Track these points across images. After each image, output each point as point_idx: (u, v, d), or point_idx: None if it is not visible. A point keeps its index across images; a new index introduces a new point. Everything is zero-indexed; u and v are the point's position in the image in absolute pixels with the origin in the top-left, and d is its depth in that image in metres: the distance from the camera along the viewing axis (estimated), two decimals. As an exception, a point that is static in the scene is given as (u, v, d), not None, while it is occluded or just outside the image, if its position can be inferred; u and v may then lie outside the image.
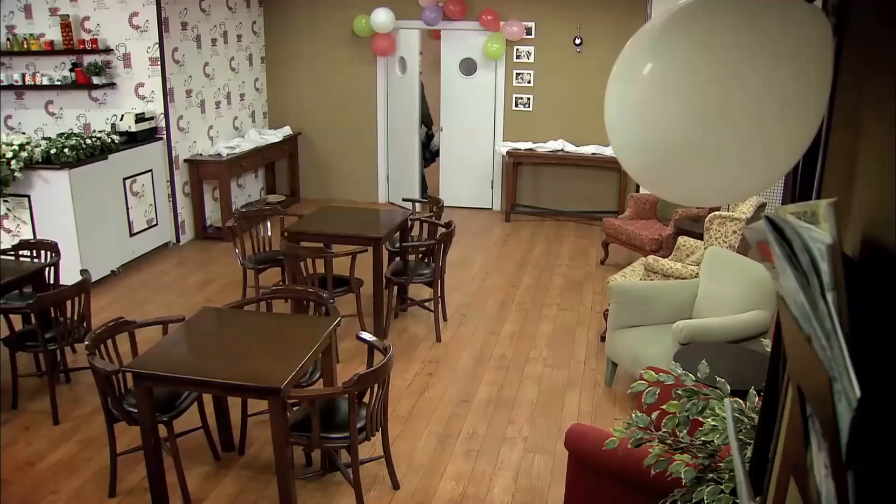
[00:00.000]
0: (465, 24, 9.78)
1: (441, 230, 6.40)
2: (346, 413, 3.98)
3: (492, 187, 10.32)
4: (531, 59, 9.78)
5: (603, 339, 6.07)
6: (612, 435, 3.24)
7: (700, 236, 6.37)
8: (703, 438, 2.30)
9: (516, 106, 9.96)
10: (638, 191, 8.78)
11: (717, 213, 6.10)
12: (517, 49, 9.79)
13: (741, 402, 2.33)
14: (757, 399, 2.36)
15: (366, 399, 3.98)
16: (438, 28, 9.88)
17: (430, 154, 11.08)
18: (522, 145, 9.75)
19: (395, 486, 4.35)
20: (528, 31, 9.70)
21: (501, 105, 10.00)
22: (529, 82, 9.84)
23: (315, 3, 10.29)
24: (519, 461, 4.64)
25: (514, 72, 9.88)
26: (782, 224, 0.95)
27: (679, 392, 2.35)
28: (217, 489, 4.41)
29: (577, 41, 9.53)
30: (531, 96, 9.88)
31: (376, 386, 3.87)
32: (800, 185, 1.57)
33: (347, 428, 3.86)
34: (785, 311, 1.00)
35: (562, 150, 9.57)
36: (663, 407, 2.38)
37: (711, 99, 1.31)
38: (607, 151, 9.38)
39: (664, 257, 6.34)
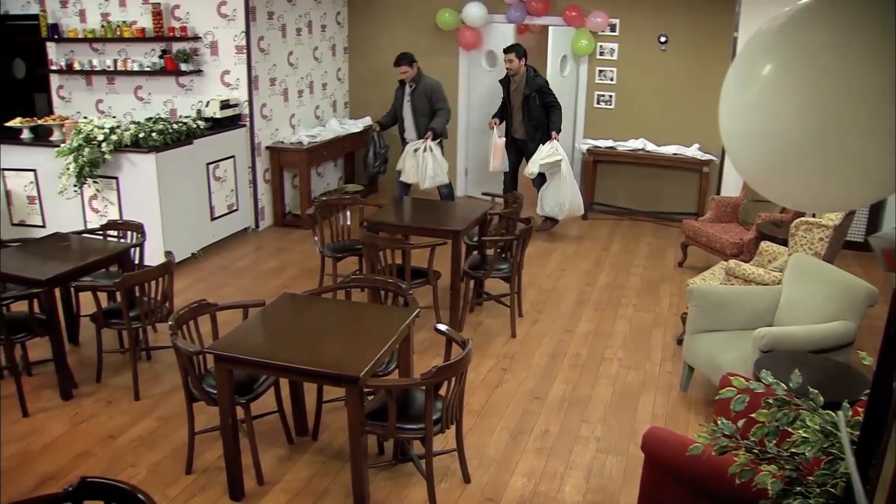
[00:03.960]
0: (549, 19, 9.71)
1: (520, 226, 6.37)
2: (421, 404, 3.99)
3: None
4: (614, 56, 9.67)
5: (679, 342, 5.97)
6: (691, 440, 3.20)
7: (783, 242, 6.23)
8: (792, 450, 2.24)
9: (598, 103, 9.86)
10: (719, 193, 8.62)
11: (803, 218, 5.95)
12: (601, 46, 9.69)
13: (833, 414, 2.27)
14: (850, 412, 2.29)
15: (442, 391, 3.98)
16: (525, 23, 9.84)
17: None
18: (603, 143, 9.65)
19: (466, 479, 4.35)
20: (612, 28, 9.58)
21: (583, 102, 9.91)
22: (612, 80, 9.74)
23: (399, -5, 10.36)
24: (591, 461, 4.60)
25: (597, 69, 9.78)
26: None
27: (769, 401, 2.30)
28: (290, 473, 4.47)
29: (662, 39, 9.38)
30: (613, 94, 9.77)
31: (453, 379, 3.88)
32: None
33: (422, 419, 3.88)
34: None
35: (642, 149, 9.45)
36: (753, 415, 2.32)
37: (835, 101, 1.26)
38: (689, 152, 9.23)
39: (745, 262, 6.20)
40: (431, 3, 10.13)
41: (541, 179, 8.78)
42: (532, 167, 8.59)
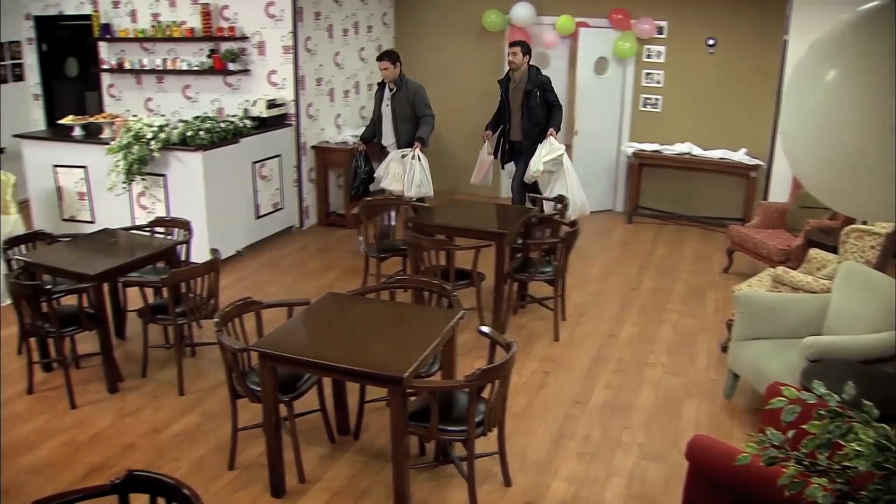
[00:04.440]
0: (595, 21, 9.65)
1: (565, 229, 6.34)
2: (463, 406, 3.99)
3: (615, 188, 10.16)
4: (662, 59, 9.58)
5: (724, 349, 5.90)
6: (737, 449, 3.16)
7: (832, 249, 6.12)
8: (844, 463, 2.20)
9: (644, 106, 9.78)
10: (766, 198, 8.50)
11: (854, 226, 5.84)
12: (648, 49, 9.61)
13: (887, 427, 2.22)
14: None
15: (485, 394, 3.97)
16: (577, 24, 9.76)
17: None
18: (648, 147, 9.57)
19: (507, 482, 4.33)
20: (660, 31, 9.51)
21: (629, 105, 9.84)
22: (659, 83, 9.65)
23: (445, -4, 10.38)
24: (633, 467, 4.56)
25: (644, 71, 9.71)
26: None
27: (822, 412, 2.25)
28: (331, 471, 4.49)
29: (711, 42, 9.28)
30: (660, 97, 9.68)
31: (497, 381, 3.87)
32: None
33: (465, 421, 3.87)
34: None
35: (689, 153, 9.35)
36: (804, 427, 2.28)
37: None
38: (735, 156, 9.11)
39: (792, 269, 6.10)
40: (477, 4, 10.13)
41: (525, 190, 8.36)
42: (535, 166, 7.97)
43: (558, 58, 10.24)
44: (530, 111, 8.09)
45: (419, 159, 7.85)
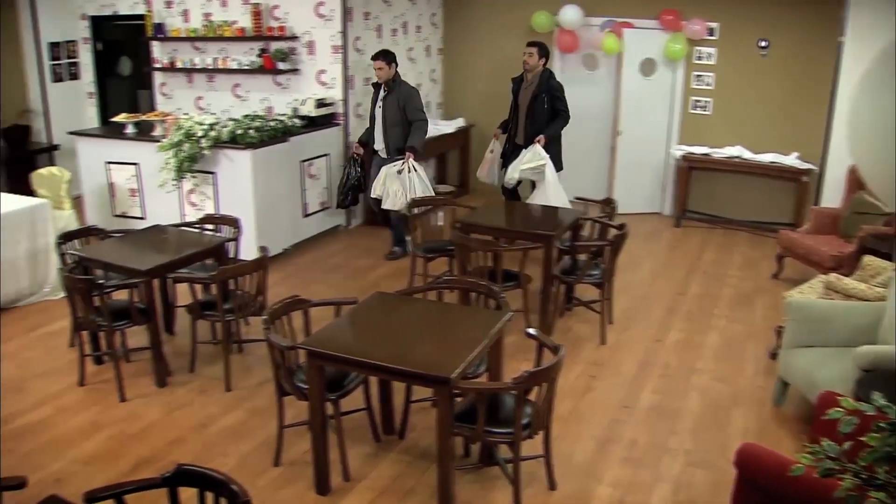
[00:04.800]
0: (645, 22, 9.56)
1: (613, 232, 6.29)
2: (510, 408, 3.98)
3: (663, 191, 10.06)
4: (712, 61, 9.46)
5: (773, 356, 5.81)
6: (788, 459, 3.10)
7: (887, 256, 5.99)
8: (904, 477, 2.15)
9: (694, 109, 9.66)
10: (818, 203, 8.36)
11: (910, 233, 5.72)
12: (698, 50, 9.49)
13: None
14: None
15: (532, 397, 3.95)
16: (619, 25, 9.68)
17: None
18: (698, 150, 9.45)
19: (552, 486, 4.30)
20: (711, 32, 9.38)
21: (679, 108, 9.72)
22: (709, 84, 9.53)
23: (494, -3, 10.36)
24: (680, 474, 4.50)
25: (694, 73, 9.59)
26: None
27: (881, 425, 2.20)
28: (376, 470, 4.50)
29: (763, 44, 9.14)
30: (710, 100, 9.56)
31: (544, 384, 3.85)
32: None
33: (511, 423, 3.85)
34: None
35: (739, 157, 9.22)
36: (862, 439, 2.23)
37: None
38: (787, 160, 8.97)
39: (845, 276, 5.99)
40: (527, 5, 10.08)
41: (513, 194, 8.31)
42: (512, 173, 7.89)
43: (608, 58, 10.11)
44: (534, 116, 7.95)
45: (415, 170, 7.65)
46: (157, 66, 9.69)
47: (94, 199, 8.64)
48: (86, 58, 10.71)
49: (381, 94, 7.79)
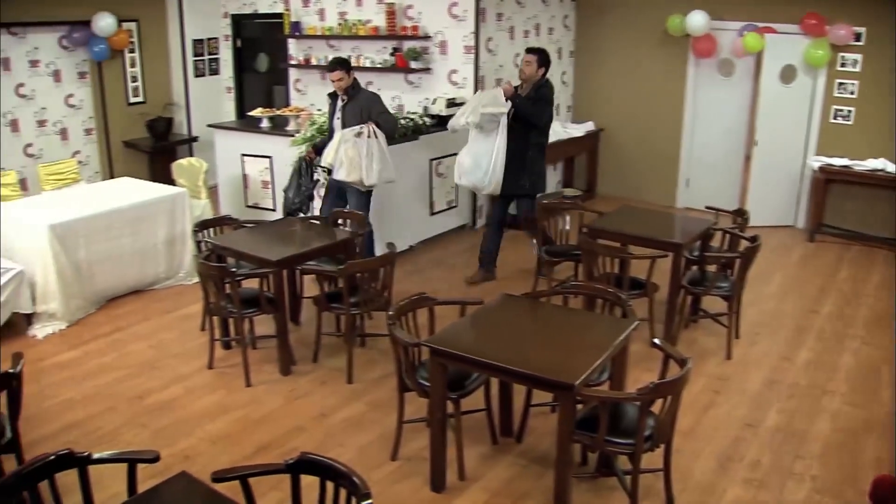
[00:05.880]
0: (785, 26, 9.18)
1: (745, 243, 6.07)
2: (631, 419, 3.88)
3: (797, 203, 9.65)
4: (857, 68, 9.00)
5: (914, 382, 5.49)
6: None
7: None
8: None
9: (835, 118, 9.22)
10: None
11: None
12: (842, 56, 9.04)
13: None
14: None
15: (655, 409, 3.84)
16: (761, 30, 9.35)
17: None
18: (837, 161, 9.01)
19: (670, 501, 4.16)
20: (857, 38, 8.92)
21: (818, 116, 9.28)
22: (853, 93, 9.06)
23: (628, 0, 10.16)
24: (804, 501, 4.27)
25: (837, 81, 9.15)
26: None
27: None
28: (491, 472, 4.48)
29: (916, 51, 8.65)
30: (853, 108, 9.08)
31: (669, 397, 3.73)
32: None
33: (632, 434, 3.75)
34: None
35: (882, 169, 8.73)
36: None
37: None
38: (935, 176, 8.47)
39: None
40: (662, 8, 9.85)
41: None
42: (465, 115, 6.88)
43: (745, 64, 9.78)
44: (513, 131, 6.91)
45: (376, 136, 6.82)
46: (293, 62, 9.97)
47: (229, 190, 8.94)
48: (226, 54, 11.12)
49: (339, 104, 7.03)
